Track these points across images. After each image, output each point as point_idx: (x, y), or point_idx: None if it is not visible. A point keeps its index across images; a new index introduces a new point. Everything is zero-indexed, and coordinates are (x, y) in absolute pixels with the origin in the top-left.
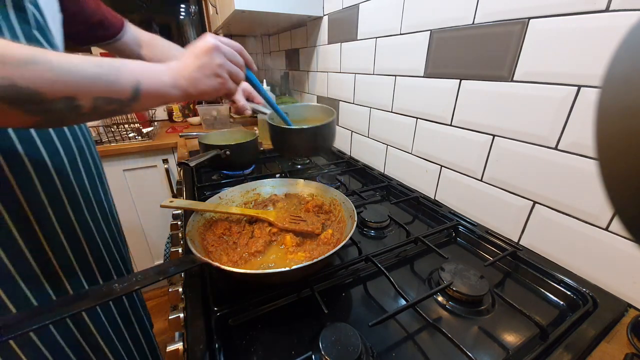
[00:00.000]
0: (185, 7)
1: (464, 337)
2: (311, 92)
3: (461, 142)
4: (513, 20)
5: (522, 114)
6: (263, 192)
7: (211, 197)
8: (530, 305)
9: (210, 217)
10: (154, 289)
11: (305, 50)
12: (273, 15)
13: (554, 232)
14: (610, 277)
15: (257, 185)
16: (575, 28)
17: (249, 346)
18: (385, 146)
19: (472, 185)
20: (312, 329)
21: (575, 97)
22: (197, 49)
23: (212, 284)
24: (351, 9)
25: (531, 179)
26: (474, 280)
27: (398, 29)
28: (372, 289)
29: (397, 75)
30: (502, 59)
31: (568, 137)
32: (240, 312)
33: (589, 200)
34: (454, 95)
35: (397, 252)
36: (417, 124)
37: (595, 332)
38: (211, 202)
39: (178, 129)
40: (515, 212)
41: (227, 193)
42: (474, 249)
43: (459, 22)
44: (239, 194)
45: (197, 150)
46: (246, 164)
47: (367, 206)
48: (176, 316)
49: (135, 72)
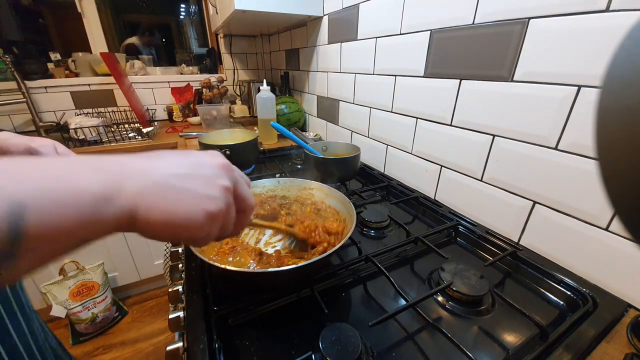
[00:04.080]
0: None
1: (464, 337)
2: (311, 92)
3: (461, 142)
4: (513, 20)
5: (522, 114)
6: (263, 192)
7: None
8: (530, 305)
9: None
10: (154, 289)
11: (305, 50)
12: (273, 15)
13: (554, 232)
14: (610, 277)
15: (257, 185)
16: (575, 28)
17: (249, 346)
18: (385, 146)
19: (472, 185)
20: (312, 329)
21: (575, 97)
22: (192, 154)
23: (212, 284)
24: (351, 9)
25: (531, 179)
26: (474, 280)
27: (398, 29)
28: (372, 289)
29: (397, 75)
30: (502, 59)
31: (568, 137)
32: (240, 312)
33: (589, 200)
34: (454, 95)
35: (397, 252)
36: (417, 124)
37: (595, 332)
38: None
39: (178, 129)
40: (515, 212)
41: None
42: (474, 249)
43: (459, 22)
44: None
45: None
46: (246, 164)
47: (367, 206)
48: (176, 316)
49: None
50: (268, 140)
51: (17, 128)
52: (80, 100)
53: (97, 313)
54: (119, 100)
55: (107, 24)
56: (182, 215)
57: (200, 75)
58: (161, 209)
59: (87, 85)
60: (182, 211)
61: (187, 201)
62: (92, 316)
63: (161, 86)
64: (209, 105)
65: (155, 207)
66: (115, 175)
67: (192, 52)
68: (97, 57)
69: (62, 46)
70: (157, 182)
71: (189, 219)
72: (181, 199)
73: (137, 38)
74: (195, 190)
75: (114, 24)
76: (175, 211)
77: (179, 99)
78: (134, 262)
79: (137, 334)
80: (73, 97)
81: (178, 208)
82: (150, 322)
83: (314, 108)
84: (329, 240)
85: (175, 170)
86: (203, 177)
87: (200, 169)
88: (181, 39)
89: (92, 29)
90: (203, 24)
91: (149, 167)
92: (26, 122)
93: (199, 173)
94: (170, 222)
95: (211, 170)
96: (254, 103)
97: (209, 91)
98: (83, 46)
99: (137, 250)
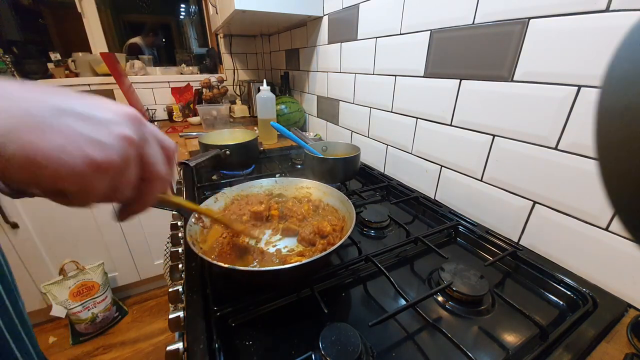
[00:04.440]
0: (185, 7)
1: (464, 337)
2: (311, 92)
3: (461, 142)
4: (513, 20)
5: (522, 114)
6: (261, 191)
7: (208, 199)
8: (530, 305)
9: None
10: (154, 289)
11: (305, 50)
12: (273, 15)
13: (554, 232)
14: (610, 277)
15: (254, 185)
16: (575, 28)
17: (249, 346)
18: (385, 146)
19: (472, 185)
20: (312, 328)
21: (575, 97)
22: (99, 97)
23: (212, 284)
24: (351, 9)
25: (531, 179)
26: (474, 280)
27: (398, 29)
28: (372, 289)
29: (397, 75)
30: (502, 59)
31: (568, 137)
32: (240, 312)
33: (589, 200)
34: (454, 95)
35: (397, 252)
36: (417, 124)
37: (595, 332)
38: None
39: (178, 129)
40: (515, 212)
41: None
42: (474, 249)
43: (459, 22)
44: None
45: (197, 150)
46: (246, 164)
47: (367, 206)
48: (176, 316)
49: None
50: (268, 140)
51: None
52: None
53: (97, 313)
54: (119, 100)
55: (107, 24)
56: (49, 151)
57: (200, 75)
58: (24, 140)
59: (87, 85)
60: (54, 147)
61: (63, 138)
62: (92, 316)
63: (161, 86)
64: (209, 105)
65: (17, 139)
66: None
67: (192, 52)
68: (97, 57)
69: (62, 46)
70: (31, 113)
71: (59, 158)
72: (55, 134)
73: (140, 38)
74: (79, 130)
75: (114, 24)
76: (41, 145)
77: (179, 99)
78: (134, 262)
79: (137, 334)
80: None
81: (45, 142)
82: (150, 322)
83: (314, 108)
84: (328, 240)
85: (62, 105)
86: (96, 120)
87: (97, 110)
88: (181, 39)
89: (92, 29)
90: (203, 24)
91: (31, 97)
92: None
93: (92, 114)
94: (31, 159)
95: (111, 115)
96: (254, 103)
97: (209, 91)
98: (83, 46)
99: (137, 250)
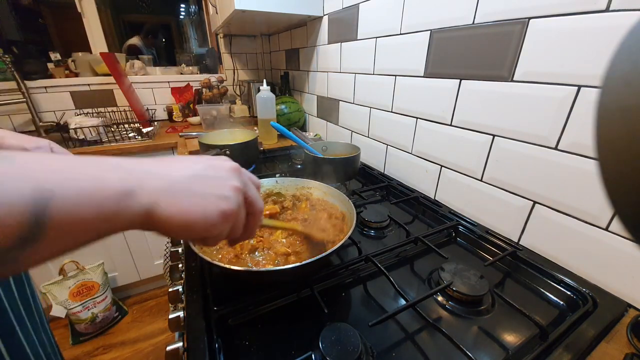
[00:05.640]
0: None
1: (464, 337)
2: (311, 92)
3: (461, 142)
4: (513, 20)
5: (522, 114)
6: (263, 191)
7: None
8: (530, 305)
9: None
10: (154, 289)
11: (305, 50)
12: (273, 15)
13: (554, 232)
14: (610, 277)
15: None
16: (575, 28)
17: (249, 346)
18: (385, 146)
19: (472, 185)
20: (312, 328)
21: (575, 97)
22: (203, 158)
23: (212, 284)
24: (351, 9)
25: (531, 179)
26: (474, 280)
27: (398, 29)
28: (372, 289)
29: (397, 75)
30: (502, 59)
31: (568, 137)
32: (240, 312)
33: (589, 200)
34: (454, 95)
35: (397, 252)
36: (417, 124)
37: (595, 332)
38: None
39: (178, 129)
40: (515, 212)
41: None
42: (473, 249)
43: (459, 22)
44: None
45: (197, 150)
46: (246, 163)
47: (367, 206)
48: (176, 316)
49: (33, 171)
50: (268, 140)
51: (17, 128)
52: (80, 100)
53: (97, 313)
54: (119, 100)
55: (107, 24)
56: (199, 214)
57: (200, 75)
58: (179, 207)
59: (87, 85)
60: (199, 210)
61: (204, 201)
62: (92, 316)
63: (161, 86)
64: (209, 105)
65: (173, 205)
66: (137, 174)
67: (192, 52)
68: (97, 57)
69: (62, 46)
70: (176, 182)
71: (205, 217)
72: (198, 198)
73: (138, 39)
74: (211, 191)
75: (114, 24)
76: (192, 210)
77: (179, 99)
78: (134, 262)
79: (137, 334)
80: (73, 97)
81: (195, 207)
82: (150, 322)
83: (314, 108)
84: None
85: (192, 172)
86: (217, 179)
87: (214, 171)
88: (181, 39)
89: (92, 29)
90: (203, 24)
91: (168, 168)
92: (26, 122)
93: (213, 175)
94: (186, 220)
95: (224, 172)
96: (254, 103)
97: (209, 91)
98: (83, 46)
99: (137, 250)
